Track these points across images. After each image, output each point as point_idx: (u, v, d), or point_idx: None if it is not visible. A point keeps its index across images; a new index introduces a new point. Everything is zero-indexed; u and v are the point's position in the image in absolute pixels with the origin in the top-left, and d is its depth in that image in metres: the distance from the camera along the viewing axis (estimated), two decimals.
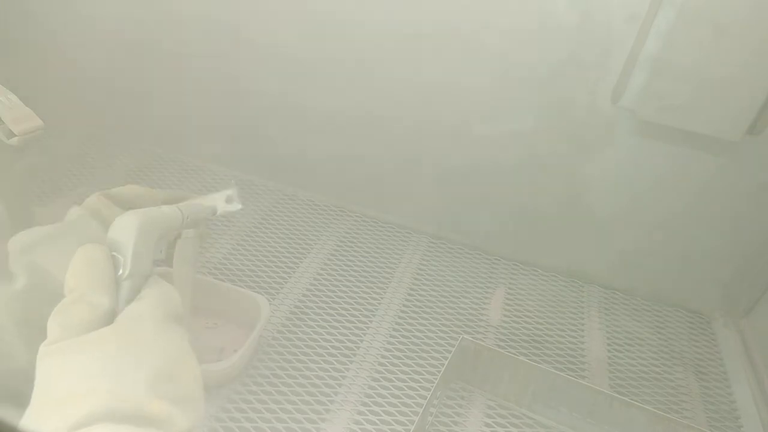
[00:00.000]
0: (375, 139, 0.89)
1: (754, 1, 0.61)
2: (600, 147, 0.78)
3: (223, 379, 0.62)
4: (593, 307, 0.84)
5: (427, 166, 0.89)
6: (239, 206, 0.53)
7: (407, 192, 0.92)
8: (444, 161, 0.87)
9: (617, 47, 0.69)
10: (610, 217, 0.83)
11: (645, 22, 0.66)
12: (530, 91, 0.77)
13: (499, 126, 0.80)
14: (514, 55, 0.75)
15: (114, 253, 0.36)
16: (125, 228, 0.36)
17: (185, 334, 0.34)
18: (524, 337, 0.77)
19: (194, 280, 0.45)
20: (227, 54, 0.89)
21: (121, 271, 0.35)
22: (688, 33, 0.64)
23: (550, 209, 0.85)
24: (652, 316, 0.84)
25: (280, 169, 0.98)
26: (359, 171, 0.93)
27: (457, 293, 0.82)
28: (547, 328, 0.79)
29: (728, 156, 0.73)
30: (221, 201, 0.51)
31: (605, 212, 0.83)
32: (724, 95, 0.66)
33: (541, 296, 0.85)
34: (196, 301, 0.68)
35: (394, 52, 0.81)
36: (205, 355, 0.65)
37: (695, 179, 0.76)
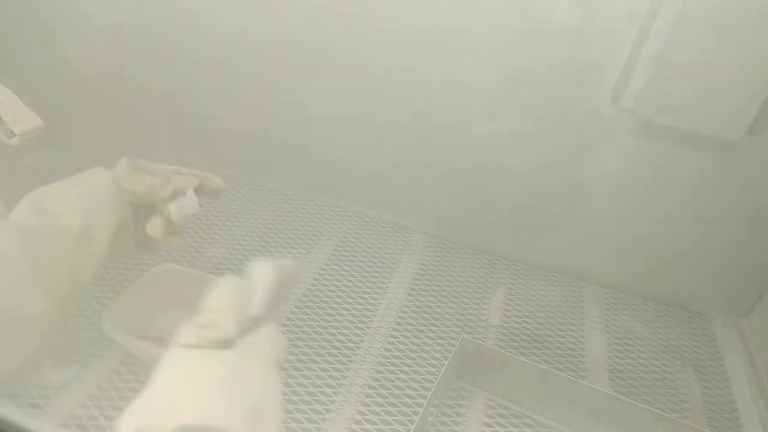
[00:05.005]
0: (375, 140, 0.89)
1: (754, 1, 0.61)
2: (600, 147, 0.78)
3: None
4: (593, 307, 0.84)
5: (428, 166, 0.89)
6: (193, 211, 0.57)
7: (407, 192, 0.92)
8: (444, 161, 0.87)
9: (617, 47, 0.69)
10: (610, 217, 0.83)
11: (645, 22, 0.66)
12: (530, 91, 0.77)
13: (500, 126, 0.80)
14: (514, 55, 0.75)
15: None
16: (263, 275, 0.43)
17: (279, 381, 0.41)
18: (524, 337, 0.77)
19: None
20: (225, 52, 0.89)
21: (248, 308, 0.42)
22: (688, 33, 0.64)
23: (550, 209, 0.85)
24: (652, 316, 0.84)
25: (280, 169, 0.98)
26: (359, 171, 0.93)
27: (457, 293, 0.82)
28: (547, 328, 0.79)
29: (728, 156, 0.73)
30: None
31: (605, 212, 0.83)
32: (724, 95, 0.66)
33: (541, 296, 0.85)
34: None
35: (394, 53, 0.81)
36: None
37: (695, 179, 0.76)
